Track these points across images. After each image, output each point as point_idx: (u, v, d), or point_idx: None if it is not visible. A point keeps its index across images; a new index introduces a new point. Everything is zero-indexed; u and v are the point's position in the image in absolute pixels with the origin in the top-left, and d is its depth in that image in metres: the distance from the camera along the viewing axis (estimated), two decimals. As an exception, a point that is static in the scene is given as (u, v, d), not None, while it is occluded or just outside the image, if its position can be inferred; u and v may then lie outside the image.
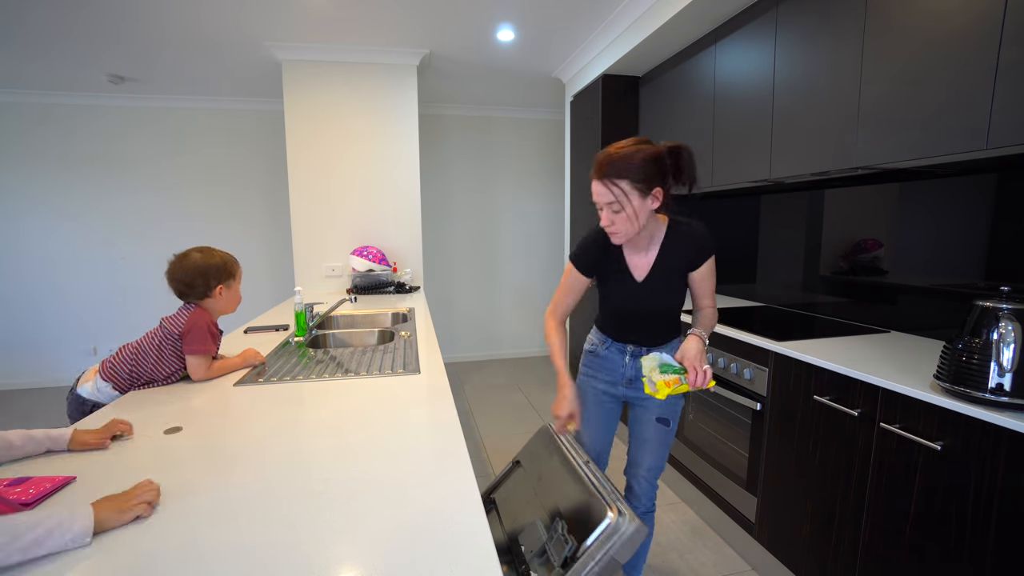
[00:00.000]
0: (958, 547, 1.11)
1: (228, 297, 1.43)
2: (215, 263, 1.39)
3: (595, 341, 1.52)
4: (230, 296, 1.43)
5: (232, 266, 1.44)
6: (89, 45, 2.83)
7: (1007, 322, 1.03)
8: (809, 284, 2.21)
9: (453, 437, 0.96)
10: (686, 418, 2.19)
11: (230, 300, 1.44)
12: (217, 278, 1.39)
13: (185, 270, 1.36)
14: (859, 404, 1.35)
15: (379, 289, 3.00)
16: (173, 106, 3.92)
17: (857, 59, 1.54)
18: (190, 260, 1.37)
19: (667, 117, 2.66)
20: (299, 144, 3.07)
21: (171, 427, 1.04)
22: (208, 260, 1.38)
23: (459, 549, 0.62)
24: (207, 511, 0.72)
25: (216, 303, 1.41)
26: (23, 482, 0.77)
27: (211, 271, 1.38)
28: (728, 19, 2.15)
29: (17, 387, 3.99)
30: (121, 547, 0.64)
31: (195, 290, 1.37)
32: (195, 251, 1.39)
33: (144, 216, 4.01)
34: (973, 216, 1.56)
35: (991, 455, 1.04)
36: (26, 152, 3.78)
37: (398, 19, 2.60)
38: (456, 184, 4.48)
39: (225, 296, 1.42)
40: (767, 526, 1.72)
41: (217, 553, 0.62)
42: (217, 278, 1.39)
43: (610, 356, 1.48)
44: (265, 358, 1.53)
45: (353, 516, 0.70)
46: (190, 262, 1.36)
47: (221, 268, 1.40)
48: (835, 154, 1.64)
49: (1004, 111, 1.16)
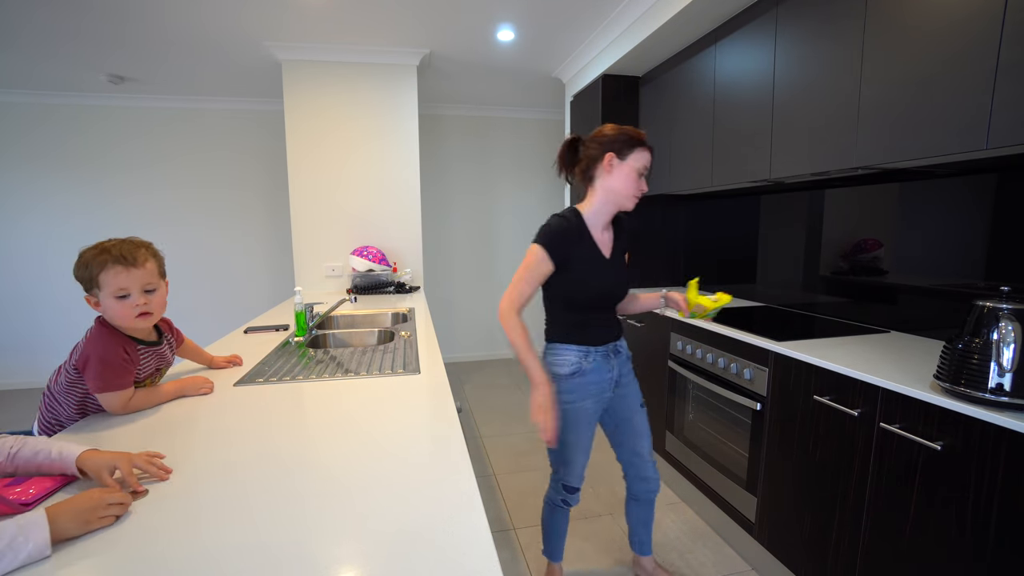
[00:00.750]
0: (958, 547, 1.11)
1: (108, 309, 1.06)
2: (76, 266, 1.05)
3: (573, 360, 1.39)
4: (108, 309, 1.06)
5: (91, 270, 1.04)
6: (89, 46, 2.82)
7: (1007, 322, 1.03)
8: (809, 284, 2.21)
9: (453, 437, 0.96)
10: (686, 418, 2.19)
11: (112, 313, 1.06)
12: (84, 284, 1.06)
13: None
14: (859, 404, 1.35)
15: (379, 289, 3.00)
16: (173, 106, 3.92)
17: (857, 59, 1.54)
18: None
19: (667, 117, 2.67)
20: (299, 144, 3.07)
21: (170, 427, 1.04)
22: (79, 258, 1.05)
23: (459, 549, 0.62)
24: (206, 511, 0.72)
25: (108, 316, 1.09)
26: (23, 482, 0.77)
27: (77, 273, 1.05)
28: (728, 19, 2.15)
29: (15, 387, 3.99)
30: (121, 547, 0.64)
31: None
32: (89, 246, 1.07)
33: (144, 216, 4.01)
34: (973, 216, 1.56)
35: (991, 455, 1.04)
36: (25, 152, 3.78)
37: (398, 19, 2.60)
38: (456, 184, 4.48)
39: (106, 309, 1.06)
40: (767, 526, 1.72)
41: (216, 553, 0.62)
42: (84, 284, 1.06)
43: (597, 368, 1.41)
44: (212, 386, 1.25)
45: (353, 516, 0.70)
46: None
47: (80, 275, 1.05)
48: (835, 154, 1.64)
49: (1004, 111, 1.16)
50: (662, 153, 2.73)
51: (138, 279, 1.08)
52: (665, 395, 2.34)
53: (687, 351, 2.14)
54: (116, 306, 1.06)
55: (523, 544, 1.95)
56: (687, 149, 2.49)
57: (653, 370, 2.44)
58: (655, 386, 2.43)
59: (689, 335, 2.14)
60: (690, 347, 2.11)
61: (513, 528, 2.06)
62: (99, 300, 1.06)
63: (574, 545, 1.94)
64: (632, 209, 1.38)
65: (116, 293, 1.05)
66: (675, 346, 2.23)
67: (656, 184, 2.80)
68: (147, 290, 1.10)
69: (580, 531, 2.03)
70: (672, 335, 2.26)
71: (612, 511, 2.18)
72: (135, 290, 1.07)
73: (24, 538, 0.59)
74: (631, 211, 1.40)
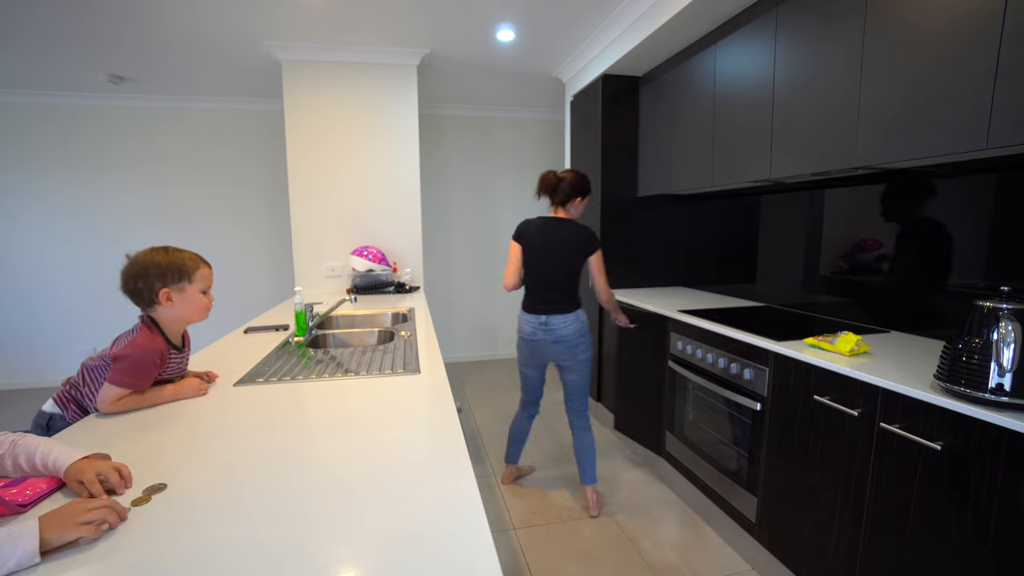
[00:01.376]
0: (958, 547, 1.11)
1: (184, 303, 1.19)
2: (160, 261, 1.16)
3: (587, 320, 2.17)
4: (186, 302, 1.20)
5: (187, 266, 1.20)
6: (89, 46, 2.82)
7: (1007, 322, 1.03)
8: (809, 284, 2.21)
9: (453, 437, 0.96)
10: (686, 418, 2.19)
11: (188, 307, 1.20)
12: (162, 279, 1.16)
13: (128, 271, 1.16)
14: (859, 404, 1.35)
15: (379, 289, 3.00)
16: (173, 106, 3.92)
17: (857, 59, 1.54)
18: (134, 259, 1.17)
19: (667, 117, 2.66)
20: (299, 144, 3.07)
21: (170, 427, 1.04)
22: (152, 259, 1.16)
23: (459, 549, 0.62)
24: (206, 511, 0.72)
25: (169, 312, 1.19)
26: (19, 483, 0.76)
27: (153, 271, 1.15)
28: (728, 19, 2.15)
29: (14, 387, 3.99)
30: (121, 546, 0.64)
31: (141, 297, 1.17)
32: (148, 250, 1.19)
33: (144, 216, 4.01)
34: (973, 216, 1.56)
35: (991, 455, 1.04)
36: (25, 152, 3.78)
37: (398, 19, 2.60)
38: (456, 184, 4.48)
39: (179, 302, 1.19)
40: (767, 526, 1.71)
41: (215, 553, 0.62)
42: (162, 279, 1.16)
43: None
44: (207, 389, 1.27)
45: (352, 516, 0.70)
46: (133, 261, 1.16)
47: (168, 268, 1.17)
48: (835, 154, 1.64)
49: (1004, 111, 1.16)
50: (662, 153, 2.73)
51: (212, 278, 1.28)
52: (665, 395, 2.34)
53: (687, 351, 2.14)
54: (202, 299, 1.23)
55: (523, 544, 1.95)
56: (687, 149, 2.49)
57: (653, 370, 2.44)
58: (655, 386, 2.43)
59: (689, 335, 2.14)
60: (690, 347, 2.11)
61: (513, 528, 2.06)
62: (181, 292, 1.19)
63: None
64: None
65: (204, 288, 1.24)
66: (675, 346, 2.23)
67: (656, 184, 2.80)
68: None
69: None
70: (672, 335, 2.26)
71: (612, 511, 2.17)
72: (211, 288, 1.27)
73: (12, 546, 0.58)
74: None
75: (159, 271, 1.16)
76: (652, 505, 2.22)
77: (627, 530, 2.04)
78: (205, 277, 1.24)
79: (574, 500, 2.26)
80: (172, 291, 1.17)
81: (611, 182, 2.97)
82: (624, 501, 2.25)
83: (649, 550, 1.92)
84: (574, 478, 2.45)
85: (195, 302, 1.22)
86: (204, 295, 1.24)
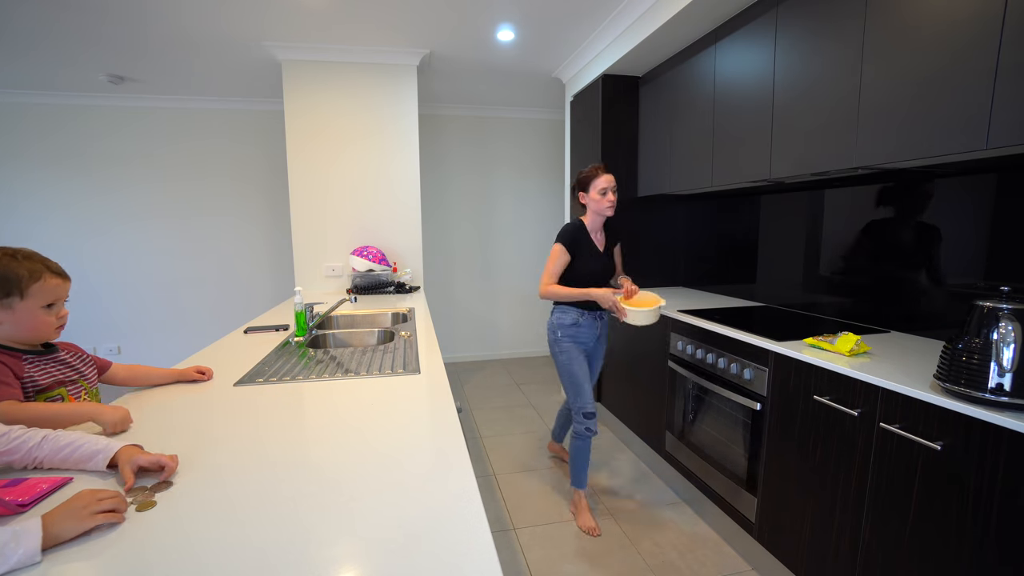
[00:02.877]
0: (958, 547, 1.11)
1: (15, 322, 1.01)
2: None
3: (573, 317, 2.09)
4: (18, 321, 1.01)
5: (19, 277, 1.00)
6: (89, 46, 2.82)
7: (1007, 322, 1.03)
8: (809, 284, 2.21)
9: (453, 437, 0.96)
10: (686, 418, 2.19)
11: (21, 326, 1.02)
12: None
13: None
14: (859, 404, 1.35)
15: (379, 289, 3.00)
16: (172, 106, 3.92)
17: (857, 59, 1.54)
18: None
19: (667, 117, 2.66)
20: (299, 144, 3.07)
21: (169, 427, 1.03)
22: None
23: (459, 549, 0.62)
24: (205, 511, 0.72)
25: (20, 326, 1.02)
26: (20, 483, 0.77)
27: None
28: (728, 19, 2.15)
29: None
30: (121, 546, 0.64)
31: None
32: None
33: (144, 216, 4.00)
34: (973, 216, 1.56)
35: (991, 455, 1.04)
36: (25, 152, 3.77)
37: (398, 19, 2.60)
38: (456, 184, 4.48)
39: (10, 321, 1.00)
40: (767, 526, 1.71)
41: (215, 553, 0.62)
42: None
43: (588, 324, 2.12)
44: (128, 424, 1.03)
45: (352, 516, 0.70)
46: None
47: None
48: (835, 154, 1.64)
49: (1004, 111, 1.16)
50: (662, 153, 2.73)
51: (66, 291, 1.09)
52: (665, 395, 2.34)
53: (687, 351, 2.14)
54: (41, 317, 1.04)
55: (523, 544, 1.95)
56: (687, 149, 2.49)
57: (653, 370, 2.44)
58: (655, 386, 2.43)
59: (689, 335, 2.14)
60: (690, 347, 2.11)
61: (513, 528, 2.06)
62: (10, 309, 1.00)
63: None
64: (612, 215, 2.07)
65: (49, 300, 1.04)
66: (675, 346, 2.23)
67: (656, 184, 2.80)
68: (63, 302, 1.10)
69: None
70: (672, 335, 2.26)
71: (612, 511, 2.17)
72: (61, 302, 1.08)
73: (15, 544, 0.59)
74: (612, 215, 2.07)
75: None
76: (652, 505, 2.22)
77: (627, 530, 2.04)
78: (48, 291, 1.03)
79: (574, 500, 2.26)
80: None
81: (611, 182, 2.97)
82: (624, 501, 2.25)
83: (649, 550, 1.92)
84: (574, 478, 2.46)
85: (30, 321, 1.02)
86: (48, 309, 1.04)
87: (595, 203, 2.03)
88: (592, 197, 2.03)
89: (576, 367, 2.08)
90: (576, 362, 2.08)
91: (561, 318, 2.10)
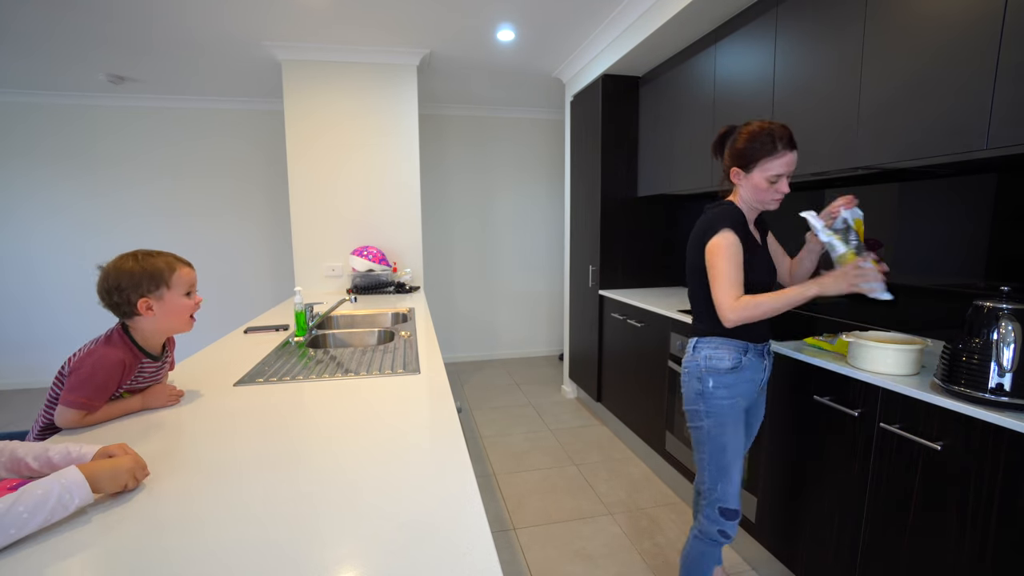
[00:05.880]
0: (958, 547, 1.11)
1: (165, 311, 1.11)
2: (132, 270, 1.08)
3: (733, 354, 1.36)
4: (167, 309, 1.12)
5: (162, 271, 1.11)
6: (89, 46, 2.82)
7: (1007, 322, 1.03)
8: (809, 284, 2.20)
9: (453, 437, 0.96)
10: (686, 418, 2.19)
11: (169, 315, 1.12)
12: (137, 289, 1.08)
13: (102, 285, 1.08)
14: (859, 404, 1.35)
15: (379, 289, 3.00)
16: (173, 106, 3.92)
17: (857, 59, 1.54)
18: (105, 270, 1.08)
19: (667, 117, 2.66)
20: (299, 144, 3.07)
21: (169, 426, 1.04)
22: (123, 267, 1.08)
23: (460, 550, 0.62)
24: (204, 510, 0.72)
25: (152, 323, 1.11)
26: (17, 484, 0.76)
27: (126, 281, 1.07)
28: (728, 19, 2.15)
29: (5, 388, 4.00)
30: (120, 546, 0.64)
31: (121, 310, 1.09)
32: (118, 257, 1.10)
33: (144, 216, 4.01)
34: (973, 216, 1.56)
35: (991, 455, 1.04)
36: (25, 152, 3.78)
37: (398, 19, 2.60)
38: (456, 184, 4.48)
39: (160, 311, 1.11)
40: (767, 526, 1.71)
41: (214, 553, 0.62)
42: (137, 289, 1.08)
43: (752, 365, 1.37)
44: (181, 394, 1.20)
45: (352, 516, 0.70)
46: (105, 273, 1.08)
47: (142, 276, 1.08)
48: (835, 154, 1.64)
49: (1004, 111, 1.16)
50: (662, 153, 2.73)
51: (195, 278, 1.19)
52: (665, 395, 2.34)
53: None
54: (186, 303, 1.15)
55: (523, 544, 1.95)
56: (687, 149, 2.49)
57: (653, 370, 2.44)
58: (655, 386, 2.43)
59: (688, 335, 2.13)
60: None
61: (513, 528, 2.06)
62: (161, 300, 1.10)
63: (574, 544, 1.94)
64: (775, 209, 1.37)
65: (186, 290, 1.15)
66: (675, 346, 2.23)
67: (656, 184, 2.80)
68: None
69: (582, 532, 2.03)
70: (672, 335, 2.26)
71: (612, 511, 2.18)
72: (195, 289, 1.19)
73: (69, 495, 0.68)
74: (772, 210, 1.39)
75: (133, 281, 1.07)
76: (652, 505, 2.22)
77: (627, 530, 2.04)
78: (185, 279, 1.14)
79: (574, 500, 2.26)
80: (151, 300, 1.09)
81: (611, 182, 2.97)
82: (624, 501, 2.25)
83: (649, 550, 1.92)
84: (575, 477, 2.45)
85: (178, 308, 1.13)
86: (188, 298, 1.16)
87: (751, 193, 1.35)
88: (755, 182, 1.32)
89: (730, 437, 1.35)
90: (731, 429, 1.35)
91: (714, 358, 1.36)
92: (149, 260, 1.10)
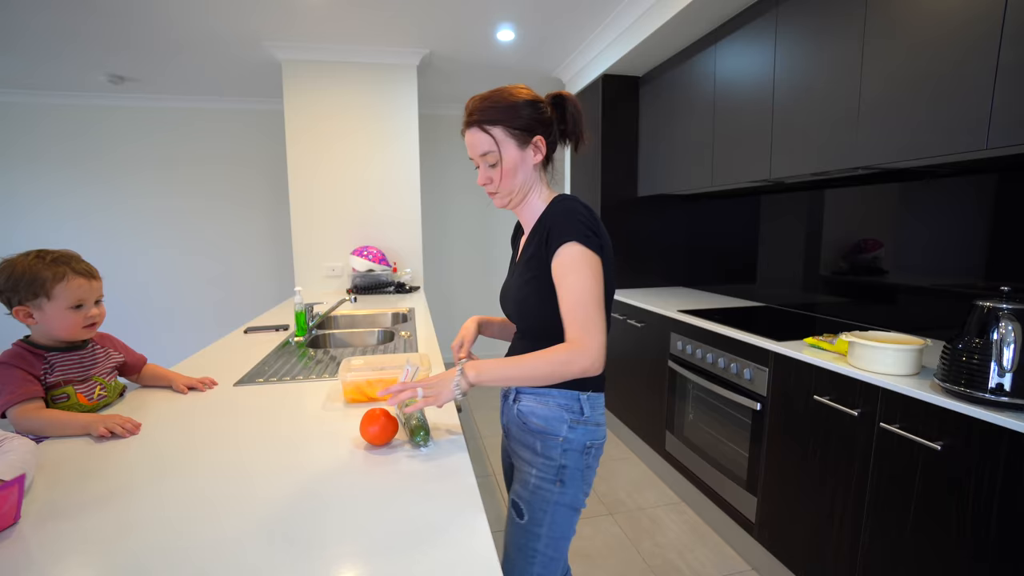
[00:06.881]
0: (958, 547, 1.11)
1: (46, 321, 1.03)
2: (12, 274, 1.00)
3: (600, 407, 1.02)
4: (47, 321, 1.03)
5: (46, 281, 1.01)
6: (89, 46, 2.82)
7: (1007, 322, 1.03)
8: (809, 284, 2.21)
9: (453, 437, 0.96)
10: (686, 418, 2.19)
11: (51, 327, 1.04)
12: (14, 294, 1.01)
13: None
14: (859, 404, 1.35)
15: (379, 289, 3.00)
16: (172, 106, 3.92)
17: (857, 59, 1.54)
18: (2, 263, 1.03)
19: (667, 117, 2.67)
20: (299, 144, 3.07)
21: (169, 426, 1.04)
22: (9, 267, 1.01)
23: (459, 550, 0.62)
24: (204, 510, 0.72)
25: (36, 329, 1.06)
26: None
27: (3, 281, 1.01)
28: (728, 19, 2.15)
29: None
30: (119, 545, 0.64)
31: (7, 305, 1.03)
32: (19, 255, 1.03)
33: (144, 216, 4.00)
34: (973, 216, 1.56)
35: (991, 455, 1.04)
36: (26, 153, 3.77)
37: (398, 19, 2.60)
38: (456, 184, 4.48)
39: (40, 320, 1.03)
40: (767, 526, 1.71)
41: (214, 553, 0.62)
42: (14, 294, 1.01)
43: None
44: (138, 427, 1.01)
45: (352, 516, 0.70)
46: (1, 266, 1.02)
47: (20, 282, 1.00)
48: (835, 154, 1.64)
49: (1004, 111, 1.16)
50: (662, 153, 2.73)
51: (96, 291, 1.11)
52: (665, 395, 2.34)
53: (687, 351, 2.14)
54: (70, 317, 1.05)
55: (523, 544, 1.95)
56: (687, 149, 2.49)
57: (653, 370, 2.44)
58: (655, 386, 2.43)
59: (689, 335, 2.14)
60: (690, 347, 2.11)
61: (513, 528, 2.06)
62: (39, 310, 1.03)
63: (574, 544, 1.94)
64: (499, 206, 1.10)
65: (75, 302, 1.06)
66: (675, 346, 2.23)
67: (656, 184, 2.80)
68: (97, 301, 1.12)
69: (580, 531, 2.03)
70: (672, 335, 2.26)
71: (612, 511, 2.17)
72: (90, 302, 1.09)
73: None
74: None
75: (9, 284, 1.00)
76: (652, 505, 2.22)
77: (627, 530, 2.04)
78: (74, 292, 1.04)
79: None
80: (29, 308, 1.02)
81: (611, 182, 2.97)
82: (624, 501, 2.25)
83: (649, 550, 1.92)
84: (574, 478, 2.45)
85: (59, 322, 1.04)
86: (76, 311, 1.06)
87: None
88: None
89: (575, 518, 1.00)
90: (579, 508, 1.00)
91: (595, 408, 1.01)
92: (36, 265, 1.02)
